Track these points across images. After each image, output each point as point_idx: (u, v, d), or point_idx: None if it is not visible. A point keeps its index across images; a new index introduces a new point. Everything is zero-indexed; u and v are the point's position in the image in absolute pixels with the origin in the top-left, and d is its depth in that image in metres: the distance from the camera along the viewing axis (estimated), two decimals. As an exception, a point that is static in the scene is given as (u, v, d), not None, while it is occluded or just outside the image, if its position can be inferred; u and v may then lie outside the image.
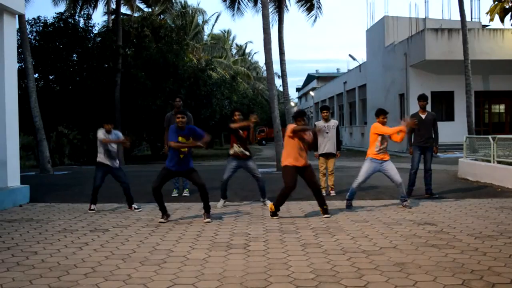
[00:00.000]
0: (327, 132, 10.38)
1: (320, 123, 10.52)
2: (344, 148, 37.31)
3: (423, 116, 10.15)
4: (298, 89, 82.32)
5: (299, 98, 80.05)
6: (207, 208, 7.93)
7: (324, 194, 10.41)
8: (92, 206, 9.06)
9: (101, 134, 8.91)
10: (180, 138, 7.72)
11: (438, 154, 23.63)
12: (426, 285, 4.53)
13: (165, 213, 7.92)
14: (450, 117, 27.64)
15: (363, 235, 6.67)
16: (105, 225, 7.68)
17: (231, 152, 9.22)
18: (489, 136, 12.59)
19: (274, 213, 8.13)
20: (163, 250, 6.00)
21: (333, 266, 5.17)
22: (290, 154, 7.94)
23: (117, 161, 9.24)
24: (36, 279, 4.85)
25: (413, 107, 27.34)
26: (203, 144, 7.73)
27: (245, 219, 8.06)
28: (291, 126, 7.92)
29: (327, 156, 10.46)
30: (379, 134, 8.76)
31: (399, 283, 4.60)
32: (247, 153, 9.23)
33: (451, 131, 25.42)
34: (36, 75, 24.72)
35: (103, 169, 9.07)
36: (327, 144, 10.40)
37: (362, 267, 5.14)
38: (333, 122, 10.58)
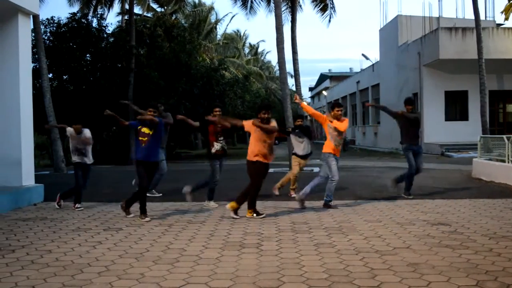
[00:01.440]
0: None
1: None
2: (356, 148, 37.20)
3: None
4: (311, 89, 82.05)
5: (312, 97, 79.79)
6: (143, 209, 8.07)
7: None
8: (77, 205, 9.20)
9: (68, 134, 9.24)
10: (144, 129, 8.02)
11: (452, 154, 23.53)
12: (440, 286, 4.50)
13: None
14: (464, 116, 27.44)
15: (376, 235, 6.64)
16: (118, 224, 7.73)
17: (213, 150, 8.93)
18: (504, 136, 12.47)
19: (258, 213, 8.12)
20: (176, 249, 6.02)
21: (346, 266, 5.16)
22: (260, 150, 7.92)
23: (89, 159, 9.28)
24: (50, 278, 4.89)
25: (427, 106, 27.22)
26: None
27: (258, 218, 8.05)
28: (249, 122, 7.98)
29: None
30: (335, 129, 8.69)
31: (413, 283, 4.57)
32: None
33: (465, 131, 25.23)
34: (50, 75, 24.92)
35: (79, 168, 9.18)
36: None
37: (375, 267, 5.12)
38: None
